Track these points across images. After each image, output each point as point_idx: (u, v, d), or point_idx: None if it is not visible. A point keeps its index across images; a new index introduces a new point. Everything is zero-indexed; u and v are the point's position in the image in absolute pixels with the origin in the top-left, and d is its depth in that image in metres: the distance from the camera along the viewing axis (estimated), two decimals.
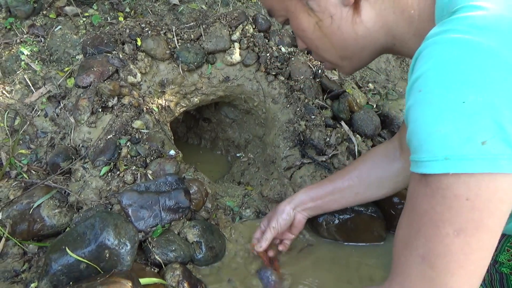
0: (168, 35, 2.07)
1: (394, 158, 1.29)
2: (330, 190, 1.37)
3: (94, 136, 1.76)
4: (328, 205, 1.40)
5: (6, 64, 2.02)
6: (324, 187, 1.40)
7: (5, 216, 1.54)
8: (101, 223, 1.22)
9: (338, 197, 1.37)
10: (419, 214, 0.69)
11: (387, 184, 1.33)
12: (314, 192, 1.40)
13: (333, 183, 1.39)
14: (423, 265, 0.67)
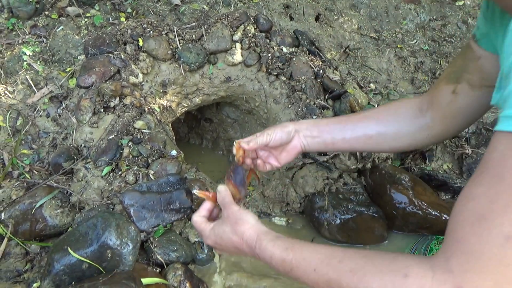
0: (169, 36, 2.08)
1: (419, 114, 1.16)
2: (342, 125, 1.20)
3: (96, 136, 1.76)
4: (333, 141, 1.20)
5: (8, 65, 2.03)
6: (337, 120, 1.23)
7: (7, 216, 1.55)
8: (103, 223, 1.22)
9: (348, 136, 1.19)
10: (510, 184, 0.56)
11: (404, 139, 1.18)
12: (324, 122, 1.22)
13: (348, 118, 1.23)
14: (505, 247, 0.54)
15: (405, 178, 1.75)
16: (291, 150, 1.21)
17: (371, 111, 1.24)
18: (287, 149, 1.21)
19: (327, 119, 1.26)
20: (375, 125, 1.18)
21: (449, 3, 2.79)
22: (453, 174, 1.98)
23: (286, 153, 1.22)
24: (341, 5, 2.62)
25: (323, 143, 1.21)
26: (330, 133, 1.20)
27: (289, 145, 1.20)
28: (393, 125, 1.18)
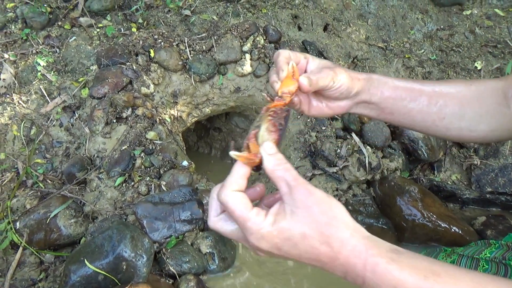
0: (180, 46, 2.11)
1: (503, 101, 0.92)
2: (414, 96, 0.91)
3: (109, 147, 1.79)
4: (392, 111, 0.91)
5: (23, 75, 2.06)
6: (408, 85, 0.92)
7: (22, 225, 1.58)
8: (119, 235, 1.25)
9: (416, 111, 0.90)
10: None
11: (481, 128, 0.92)
12: (391, 85, 0.91)
13: (422, 87, 0.93)
14: None
15: (414, 190, 1.76)
16: (336, 107, 0.90)
17: (451, 85, 0.94)
18: (332, 105, 0.90)
19: (396, 80, 0.92)
20: (453, 105, 0.91)
21: (456, 12, 2.81)
22: (462, 185, 1.99)
23: (327, 109, 0.91)
24: (349, 15, 2.64)
25: (379, 110, 0.91)
26: (393, 102, 0.90)
27: (338, 101, 0.89)
28: (474, 110, 0.91)
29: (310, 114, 0.91)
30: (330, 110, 0.90)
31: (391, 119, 0.92)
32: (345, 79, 0.84)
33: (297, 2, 2.57)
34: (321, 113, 0.91)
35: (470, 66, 2.54)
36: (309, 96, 0.89)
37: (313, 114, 0.91)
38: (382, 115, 0.92)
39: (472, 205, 1.91)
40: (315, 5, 2.59)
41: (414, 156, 1.99)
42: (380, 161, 1.88)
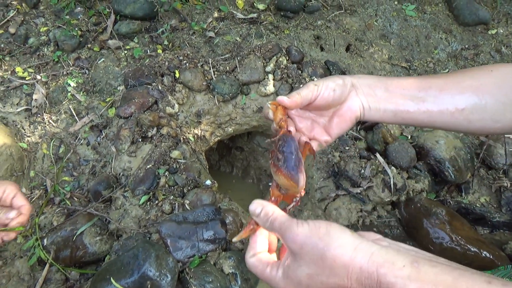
0: (204, 67, 2.15)
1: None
2: (423, 88, 0.84)
3: (134, 165, 1.82)
4: (407, 108, 0.84)
5: (53, 95, 2.14)
6: (414, 80, 0.87)
7: (49, 242, 1.61)
8: (144, 253, 1.26)
9: (430, 104, 0.83)
10: None
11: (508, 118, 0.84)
12: (395, 81, 0.86)
13: (431, 79, 0.86)
14: None
15: (441, 212, 1.71)
16: (346, 113, 0.85)
17: (464, 74, 0.87)
18: (340, 112, 0.85)
19: (397, 78, 0.88)
20: (471, 94, 0.83)
21: (481, 32, 2.78)
22: (491, 207, 1.93)
23: (339, 119, 0.86)
24: (371, 35, 2.64)
25: (392, 109, 0.84)
26: (403, 97, 0.84)
27: (343, 106, 0.85)
28: (496, 98, 0.82)
29: (333, 135, 0.87)
30: (344, 118, 0.86)
31: (409, 117, 0.85)
32: (330, 80, 0.83)
33: (319, 23, 2.59)
34: (340, 127, 0.86)
35: None
36: (317, 122, 0.88)
37: (335, 133, 0.87)
38: (399, 114, 0.85)
39: (503, 229, 1.85)
40: (337, 26, 2.61)
41: (440, 177, 1.95)
42: (406, 182, 1.84)
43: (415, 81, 0.86)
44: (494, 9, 2.87)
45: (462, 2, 2.75)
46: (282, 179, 0.69)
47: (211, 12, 2.55)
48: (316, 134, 0.87)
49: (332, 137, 0.87)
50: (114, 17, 2.40)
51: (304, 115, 0.88)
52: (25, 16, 2.41)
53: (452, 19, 2.80)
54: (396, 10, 2.76)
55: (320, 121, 0.88)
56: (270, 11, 2.62)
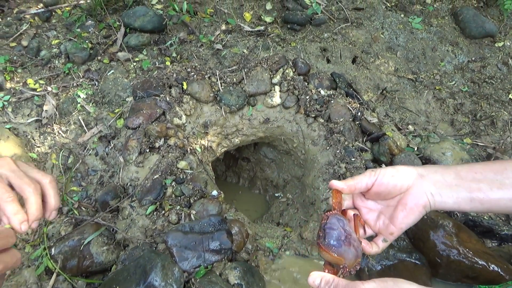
0: (212, 79, 2.18)
1: None
2: (499, 173, 0.76)
3: (142, 176, 1.84)
4: (482, 195, 0.76)
5: (63, 106, 2.17)
6: (486, 165, 0.79)
7: (57, 252, 1.62)
8: (150, 263, 1.26)
9: (509, 191, 0.76)
10: None
11: None
12: (466, 168, 0.79)
13: (505, 163, 0.79)
14: None
15: (448, 224, 1.70)
16: (411, 202, 0.79)
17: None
18: (404, 200, 0.80)
19: (468, 164, 0.82)
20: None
21: (488, 44, 2.78)
22: (499, 220, 1.91)
23: (404, 208, 0.80)
24: (377, 47, 2.66)
25: (466, 197, 0.77)
26: (477, 183, 0.76)
27: (407, 193, 0.79)
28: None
29: (400, 228, 0.82)
30: (412, 209, 0.79)
31: (487, 203, 0.78)
32: (390, 167, 0.80)
33: (326, 36, 2.62)
34: (407, 219, 0.81)
35: (504, 97, 2.49)
36: (382, 213, 0.85)
37: (401, 226, 0.82)
38: (476, 200, 0.78)
39: (511, 242, 1.83)
40: (343, 38, 2.63)
41: None
42: None
43: (488, 164, 0.80)
44: (500, 22, 2.88)
45: (468, 15, 2.76)
46: (324, 254, 0.72)
47: (219, 25, 2.59)
48: (381, 228, 0.84)
49: (397, 228, 0.82)
50: (124, 30, 2.45)
51: (370, 207, 0.85)
52: (38, 29, 2.47)
53: (459, 32, 2.81)
54: (402, 23, 2.78)
55: (386, 212, 0.83)
56: (277, 23, 2.66)
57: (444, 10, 2.91)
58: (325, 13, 2.70)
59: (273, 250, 1.83)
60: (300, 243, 1.90)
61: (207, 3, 2.72)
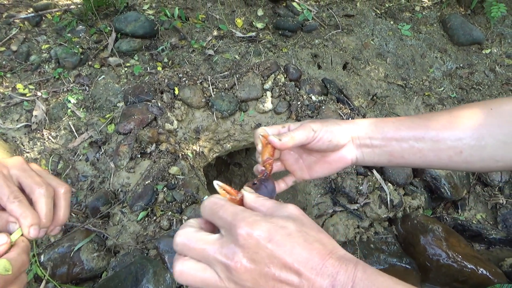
0: (204, 84, 2.18)
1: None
2: (419, 132, 0.80)
3: (133, 181, 1.83)
4: (403, 154, 0.81)
5: (53, 111, 2.16)
6: (410, 122, 0.82)
7: (46, 259, 1.60)
8: (141, 269, 1.26)
9: (427, 148, 0.80)
10: None
11: (509, 155, 0.79)
12: (392, 126, 0.82)
13: (427, 121, 0.82)
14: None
15: (438, 229, 1.72)
16: (337, 161, 0.82)
17: (463, 113, 0.82)
18: (330, 159, 0.82)
19: (395, 119, 0.84)
20: (470, 136, 0.78)
21: (475, 51, 2.83)
22: (488, 224, 1.94)
23: (327, 165, 0.83)
24: (367, 54, 2.69)
25: (387, 154, 0.82)
26: (399, 142, 0.81)
27: (336, 153, 0.82)
28: (496, 138, 0.78)
29: (313, 177, 0.84)
30: (332, 165, 0.82)
31: (404, 162, 0.83)
32: (328, 126, 0.79)
33: (317, 42, 2.64)
34: (323, 171, 0.84)
35: None
36: (302, 158, 0.84)
37: (316, 175, 0.84)
38: (393, 160, 0.83)
39: (499, 246, 1.85)
40: (334, 44, 2.66)
41: (436, 194, 1.96)
42: (402, 199, 1.86)
43: (411, 122, 0.83)
44: (487, 30, 2.93)
45: (456, 22, 2.81)
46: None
47: (211, 30, 2.60)
48: (296, 171, 0.85)
49: (312, 177, 0.84)
50: (115, 35, 2.45)
51: (292, 150, 0.84)
52: (27, 34, 2.45)
53: (447, 39, 2.86)
54: (392, 30, 2.82)
55: (306, 160, 0.84)
56: (269, 30, 2.68)
57: (432, 18, 2.96)
58: (316, 19, 2.73)
59: None
60: None
61: (199, 9, 2.73)
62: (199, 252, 0.52)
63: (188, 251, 0.53)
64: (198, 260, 0.52)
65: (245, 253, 0.48)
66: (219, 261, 0.49)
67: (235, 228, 0.49)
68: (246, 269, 0.48)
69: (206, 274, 0.51)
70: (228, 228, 0.51)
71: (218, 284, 0.50)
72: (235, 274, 0.48)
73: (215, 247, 0.50)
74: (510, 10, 2.98)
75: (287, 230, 0.49)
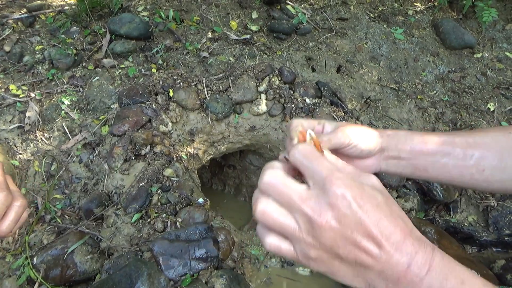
0: (198, 87, 2.18)
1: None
2: (446, 148, 0.84)
3: (127, 183, 1.83)
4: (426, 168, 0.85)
5: (47, 113, 2.15)
6: (438, 139, 0.86)
7: (39, 261, 1.59)
8: (136, 272, 1.26)
9: (451, 164, 0.84)
10: None
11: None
12: (420, 140, 0.85)
13: (454, 138, 0.86)
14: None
15: (430, 231, 1.74)
16: (362, 167, 0.85)
17: (483, 133, 0.87)
18: (354, 164, 0.83)
19: (422, 133, 0.87)
20: (492, 157, 0.83)
21: (467, 55, 2.87)
22: (479, 227, 1.96)
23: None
24: (361, 57, 2.71)
25: (412, 167, 0.85)
26: (426, 156, 0.84)
27: (361, 161, 0.85)
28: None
29: None
30: None
31: (427, 176, 0.85)
32: (363, 134, 0.80)
33: (311, 45, 2.66)
34: None
35: (483, 107, 2.56)
36: None
37: None
38: (416, 173, 0.84)
39: (491, 248, 1.88)
40: (328, 47, 2.67)
41: (429, 197, 1.98)
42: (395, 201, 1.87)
43: (440, 139, 0.85)
44: (479, 34, 2.97)
45: (448, 26, 2.84)
46: None
47: (205, 32, 2.60)
48: None
49: None
50: (110, 36, 2.44)
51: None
52: (21, 34, 2.43)
53: (439, 43, 2.89)
54: (385, 34, 2.84)
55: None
56: (263, 32, 2.69)
57: (425, 22, 2.99)
58: (310, 22, 2.74)
59: (258, 257, 1.83)
60: None
61: (194, 11, 2.73)
62: (284, 198, 0.51)
63: (274, 193, 0.52)
64: (281, 204, 0.52)
65: (334, 212, 0.48)
66: (304, 213, 0.49)
67: (330, 184, 0.49)
68: (331, 228, 0.48)
69: (286, 220, 0.51)
70: (320, 183, 0.50)
71: (296, 233, 0.50)
72: (317, 230, 0.49)
73: (302, 198, 0.50)
74: (501, 15, 3.02)
75: (376, 201, 0.50)
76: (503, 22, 3.04)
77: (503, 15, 3.06)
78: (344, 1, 2.98)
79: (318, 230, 0.49)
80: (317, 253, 0.50)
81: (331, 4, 2.95)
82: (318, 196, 0.50)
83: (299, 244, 0.51)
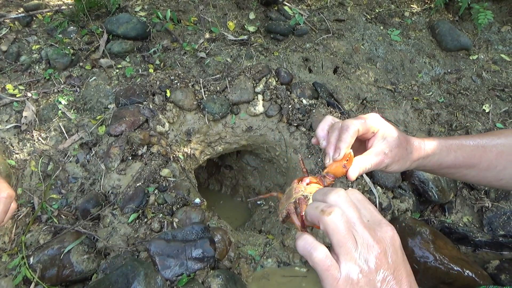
0: (195, 87, 2.19)
1: None
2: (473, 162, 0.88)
3: (124, 183, 1.83)
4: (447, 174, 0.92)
5: (43, 112, 2.14)
6: (470, 151, 0.89)
7: (36, 261, 1.59)
8: (132, 272, 1.26)
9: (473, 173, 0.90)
10: None
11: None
12: (452, 155, 0.88)
13: (484, 153, 0.89)
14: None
15: (425, 231, 1.75)
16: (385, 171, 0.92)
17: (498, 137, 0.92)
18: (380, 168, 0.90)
19: (457, 146, 0.89)
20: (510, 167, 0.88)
21: (463, 57, 2.89)
22: (474, 227, 1.98)
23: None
24: (358, 58, 2.73)
25: (432, 172, 0.93)
26: (451, 169, 0.90)
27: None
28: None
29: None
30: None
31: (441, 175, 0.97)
32: (398, 152, 0.83)
33: (308, 46, 2.67)
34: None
35: (478, 109, 2.58)
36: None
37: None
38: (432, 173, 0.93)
39: (485, 248, 1.89)
40: (325, 48, 2.68)
41: (424, 197, 2.00)
42: (391, 202, 1.88)
43: (472, 151, 0.89)
44: (475, 36, 2.99)
45: (444, 28, 2.86)
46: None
47: (203, 33, 2.61)
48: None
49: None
50: (107, 36, 2.44)
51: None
52: (18, 34, 2.43)
53: (435, 45, 2.91)
54: (381, 35, 2.86)
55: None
56: (260, 33, 2.69)
57: (421, 23, 3.01)
58: (307, 23, 2.75)
59: (255, 257, 1.84)
60: (282, 251, 1.92)
61: (191, 11, 2.74)
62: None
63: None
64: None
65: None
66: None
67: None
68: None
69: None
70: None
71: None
72: None
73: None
74: (496, 17, 3.04)
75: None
76: (499, 24, 3.06)
77: (499, 17, 3.08)
78: (341, 3, 2.99)
79: None
80: None
81: (328, 5, 2.96)
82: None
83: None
